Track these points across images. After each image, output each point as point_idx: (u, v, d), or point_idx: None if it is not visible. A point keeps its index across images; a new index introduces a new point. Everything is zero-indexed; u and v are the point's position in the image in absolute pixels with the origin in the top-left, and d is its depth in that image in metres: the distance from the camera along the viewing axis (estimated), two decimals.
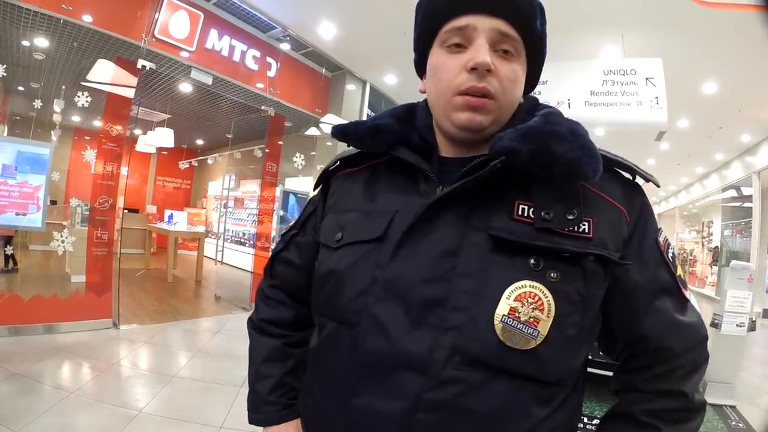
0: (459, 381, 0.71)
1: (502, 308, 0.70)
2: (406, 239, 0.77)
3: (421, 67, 0.90)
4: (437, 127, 0.88)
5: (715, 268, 14.08)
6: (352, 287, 0.80)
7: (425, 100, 0.93)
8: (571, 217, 0.74)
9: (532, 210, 0.74)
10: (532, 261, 0.72)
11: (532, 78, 0.86)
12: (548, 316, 0.70)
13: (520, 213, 0.75)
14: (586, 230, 0.74)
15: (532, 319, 0.70)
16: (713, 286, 13.64)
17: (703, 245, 16.20)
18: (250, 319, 1.11)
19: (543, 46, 0.84)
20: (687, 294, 0.84)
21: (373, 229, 0.82)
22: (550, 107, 0.84)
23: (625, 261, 0.77)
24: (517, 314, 0.70)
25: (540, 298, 0.70)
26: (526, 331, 0.70)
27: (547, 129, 0.74)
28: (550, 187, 0.75)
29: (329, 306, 0.86)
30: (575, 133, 0.74)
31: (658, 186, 0.89)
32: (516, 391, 0.72)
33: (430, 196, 0.79)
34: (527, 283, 0.71)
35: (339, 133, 0.92)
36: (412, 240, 0.76)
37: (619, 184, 0.82)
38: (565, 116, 0.79)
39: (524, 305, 0.70)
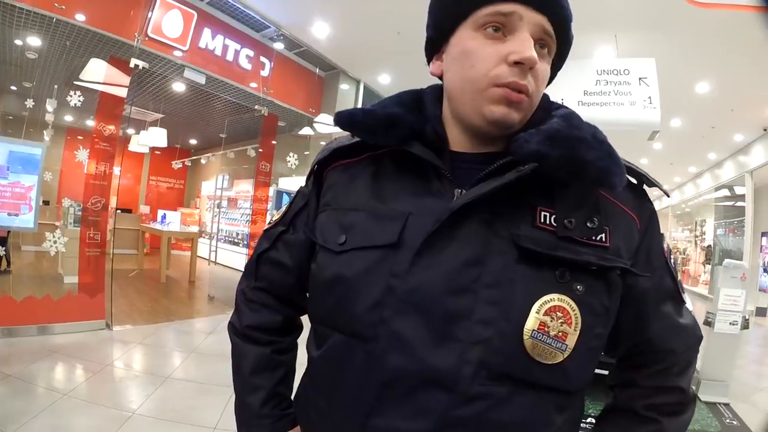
0: (486, 396, 0.69)
1: (532, 323, 0.68)
2: (426, 246, 0.71)
3: (434, 47, 0.83)
4: (452, 118, 0.82)
5: (708, 267, 14.17)
6: (365, 298, 0.74)
7: (431, 87, 0.88)
8: (590, 226, 0.72)
9: (554, 217, 0.72)
10: (557, 273, 0.70)
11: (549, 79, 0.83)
12: (575, 330, 0.69)
13: (542, 220, 0.72)
14: (603, 239, 0.73)
15: (560, 334, 0.68)
16: (706, 284, 13.71)
17: (696, 244, 16.28)
18: (231, 325, 1.02)
19: (568, 51, 0.82)
20: (684, 297, 0.87)
21: (385, 234, 0.75)
22: (565, 107, 0.81)
23: (639, 270, 0.76)
24: (546, 329, 0.68)
25: (568, 312, 0.69)
26: (555, 345, 0.68)
27: (574, 134, 0.71)
28: (570, 194, 0.73)
29: (336, 316, 0.79)
30: (599, 139, 0.72)
31: (668, 196, 0.89)
32: (539, 402, 0.72)
33: (444, 197, 0.75)
34: (555, 296, 0.69)
35: (345, 120, 0.82)
36: (434, 247, 0.71)
37: (629, 191, 0.80)
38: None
39: (553, 319, 0.68)
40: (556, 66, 0.83)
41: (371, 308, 0.73)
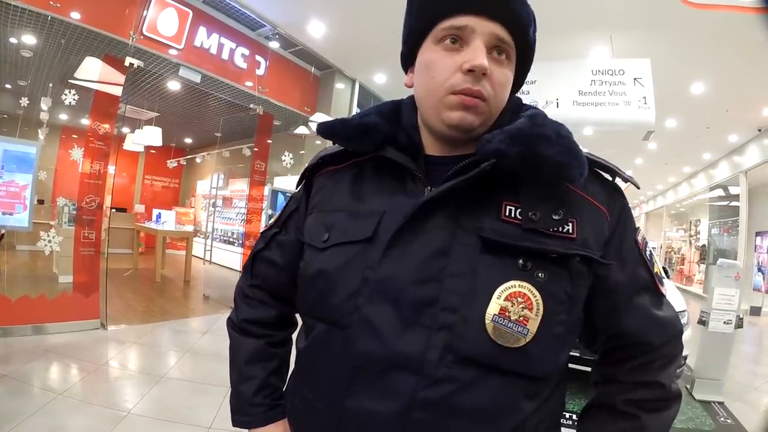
0: (452, 379, 0.72)
1: (493, 308, 0.72)
2: (396, 240, 0.77)
3: (408, 61, 0.89)
4: (424, 125, 0.88)
5: (703, 266, 14.24)
6: (343, 289, 0.80)
7: (410, 98, 0.93)
8: (556, 218, 0.76)
9: (519, 211, 0.76)
10: (520, 261, 0.73)
11: (517, 82, 0.87)
12: (537, 315, 0.72)
13: (507, 214, 0.76)
14: (570, 231, 0.76)
15: (521, 318, 0.71)
16: (701, 283, 13.80)
17: (690, 244, 16.37)
18: (229, 320, 1.09)
19: (533, 53, 0.86)
20: (663, 290, 0.88)
21: (362, 230, 0.82)
22: (535, 108, 0.85)
23: (607, 261, 0.79)
24: (507, 313, 0.71)
25: (529, 298, 0.72)
26: (516, 329, 0.71)
27: (535, 131, 0.75)
28: (536, 188, 0.76)
29: (318, 307, 0.85)
30: (561, 135, 0.75)
31: (638, 188, 0.91)
32: (506, 387, 0.74)
33: (417, 196, 0.80)
34: (516, 283, 0.72)
35: (325, 130, 0.90)
36: (402, 241, 0.77)
37: (601, 186, 0.84)
38: (550, 117, 0.81)
39: (514, 305, 0.71)
40: (524, 69, 0.87)
41: (348, 298, 0.79)
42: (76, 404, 3.36)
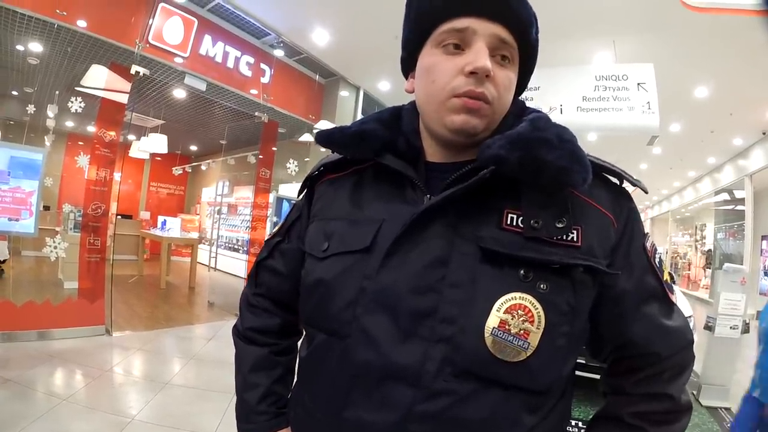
0: (450, 392, 0.71)
1: (492, 321, 0.70)
2: (394, 249, 0.76)
3: (409, 66, 0.87)
4: (425, 131, 0.86)
5: (709, 271, 14.16)
6: (341, 298, 0.79)
7: (411, 103, 0.91)
8: (560, 225, 0.73)
9: (521, 219, 0.74)
10: (521, 272, 0.71)
11: (521, 85, 0.85)
12: (538, 328, 0.70)
13: (509, 222, 0.74)
14: (575, 238, 0.74)
15: (522, 332, 0.69)
16: (707, 288, 13.71)
17: (696, 248, 16.28)
18: (235, 328, 1.09)
19: (536, 55, 0.84)
20: (673, 298, 0.85)
21: (360, 239, 0.81)
22: (538, 111, 0.83)
23: (613, 270, 0.77)
24: (507, 327, 0.69)
25: (530, 310, 0.70)
26: (516, 343, 0.69)
27: (535, 135, 0.72)
28: (538, 194, 0.74)
29: (318, 317, 0.85)
30: (563, 139, 0.73)
31: (646, 192, 0.88)
32: (506, 401, 0.72)
33: (417, 204, 0.78)
34: (517, 295, 0.70)
35: (323, 139, 0.89)
36: (400, 250, 0.76)
37: (607, 191, 0.81)
38: (554, 121, 0.78)
39: (514, 317, 0.69)
40: (527, 71, 0.85)
41: (346, 307, 0.78)
42: (80, 410, 3.36)
